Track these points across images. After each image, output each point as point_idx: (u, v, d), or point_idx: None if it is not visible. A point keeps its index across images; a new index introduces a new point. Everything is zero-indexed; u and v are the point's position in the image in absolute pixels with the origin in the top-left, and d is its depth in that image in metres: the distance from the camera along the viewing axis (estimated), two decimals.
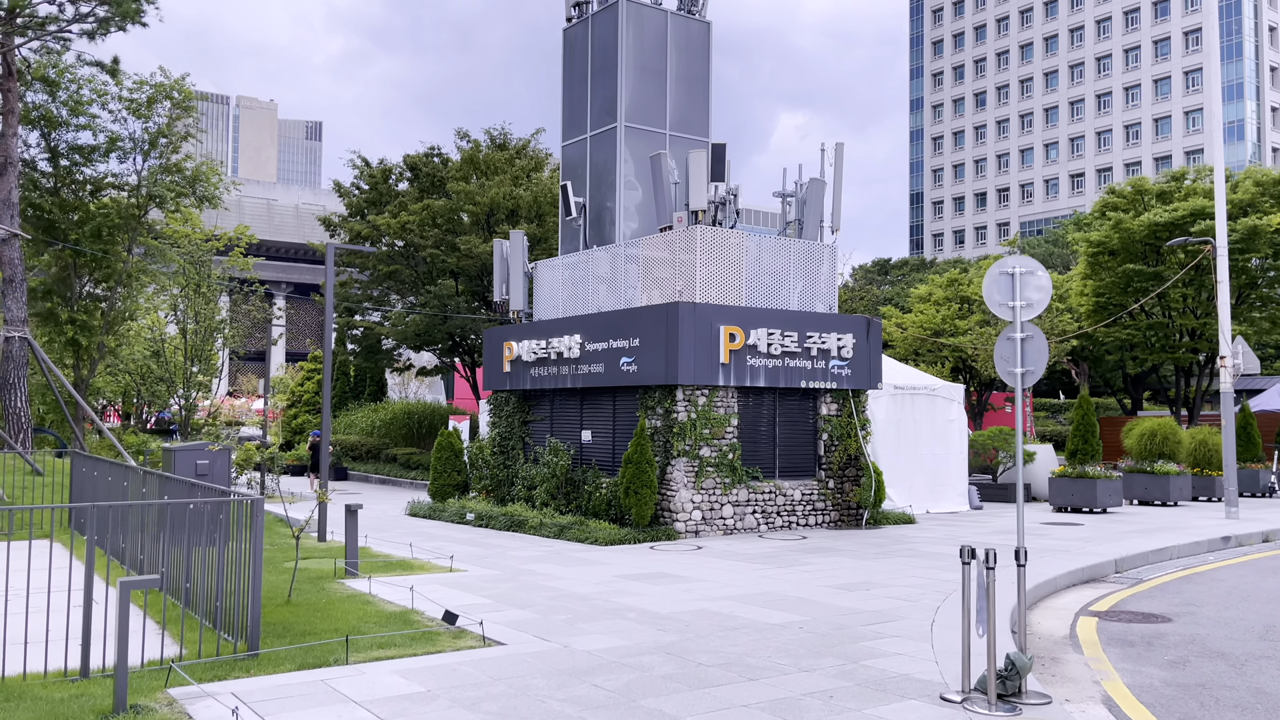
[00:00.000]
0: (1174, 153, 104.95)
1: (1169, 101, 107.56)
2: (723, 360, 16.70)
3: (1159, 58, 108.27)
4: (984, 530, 17.71)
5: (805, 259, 18.39)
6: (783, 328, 17.42)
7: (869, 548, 15.23)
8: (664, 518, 16.61)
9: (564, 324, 19.15)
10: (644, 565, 13.28)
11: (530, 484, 19.19)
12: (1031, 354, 10.04)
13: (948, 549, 14.98)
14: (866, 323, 18.61)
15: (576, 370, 18.62)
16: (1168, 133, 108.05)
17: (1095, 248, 28.96)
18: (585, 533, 16.10)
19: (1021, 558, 7.03)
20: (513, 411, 20.80)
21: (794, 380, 17.53)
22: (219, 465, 14.28)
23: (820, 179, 18.68)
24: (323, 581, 11.37)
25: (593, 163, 20.43)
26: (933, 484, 21.65)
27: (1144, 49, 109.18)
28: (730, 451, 16.93)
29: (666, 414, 16.68)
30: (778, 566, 13.16)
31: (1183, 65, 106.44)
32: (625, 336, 17.41)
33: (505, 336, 20.91)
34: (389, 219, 30.95)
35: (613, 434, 18.26)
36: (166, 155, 26.15)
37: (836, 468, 18.22)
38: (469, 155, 32.00)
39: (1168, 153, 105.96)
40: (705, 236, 17.08)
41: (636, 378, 17.07)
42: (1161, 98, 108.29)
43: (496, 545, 15.59)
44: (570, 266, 20.21)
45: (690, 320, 16.43)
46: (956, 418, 22.31)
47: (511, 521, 17.87)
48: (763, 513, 17.29)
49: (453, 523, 19.30)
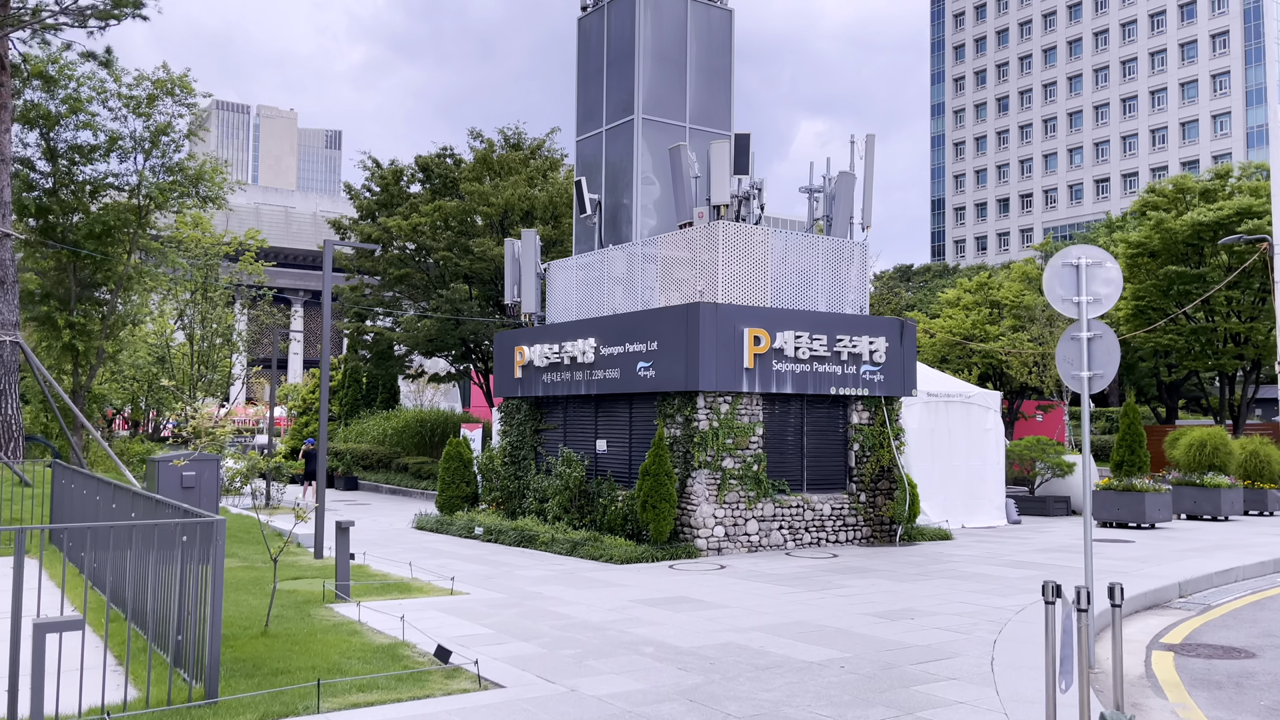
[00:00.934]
0: (1201, 157, 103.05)
1: (1196, 105, 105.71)
2: (746, 365, 15.60)
3: (1186, 61, 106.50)
4: (1028, 548, 16.50)
5: (834, 257, 17.28)
6: (811, 330, 16.31)
7: (906, 568, 14.07)
8: (684, 534, 15.50)
9: (578, 327, 18.11)
10: (663, 587, 12.18)
11: (542, 496, 18.14)
12: (1100, 355, 8.90)
13: (992, 569, 13.80)
14: (900, 325, 17.46)
15: (591, 376, 17.56)
16: (1195, 137, 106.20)
17: (1134, 249, 27.66)
18: (599, 550, 15.02)
19: (1118, 596, 5.88)
20: (524, 419, 19.76)
21: (823, 386, 16.41)
22: (206, 477, 13.31)
23: (850, 173, 17.57)
24: (309, 607, 10.33)
25: (608, 158, 19.40)
26: (968, 497, 20.44)
27: (1170, 52, 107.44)
28: (755, 463, 15.82)
29: (687, 422, 15.59)
30: (809, 589, 12.03)
31: (1210, 69, 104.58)
32: (642, 340, 16.34)
33: (516, 341, 19.88)
34: (400, 221, 30.04)
35: (629, 443, 17.19)
36: (168, 154, 25.33)
37: (868, 480, 17.06)
38: (482, 155, 31.07)
39: (1195, 157, 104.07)
40: (728, 233, 16.00)
41: (654, 384, 16.00)
42: (1188, 101, 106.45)
43: (504, 563, 14.52)
44: (584, 267, 19.17)
45: (712, 322, 15.35)
46: (993, 427, 21.10)
47: (521, 537, 16.81)
48: (790, 528, 16.16)
49: (461, 537, 18.27)
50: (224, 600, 10.53)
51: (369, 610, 10.09)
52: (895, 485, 17.29)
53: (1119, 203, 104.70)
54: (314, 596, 10.91)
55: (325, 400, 15.26)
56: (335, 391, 42.78)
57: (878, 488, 17.18)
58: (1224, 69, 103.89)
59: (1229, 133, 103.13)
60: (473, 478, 20.35)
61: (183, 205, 25.68)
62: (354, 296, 33.39)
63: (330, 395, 43.54)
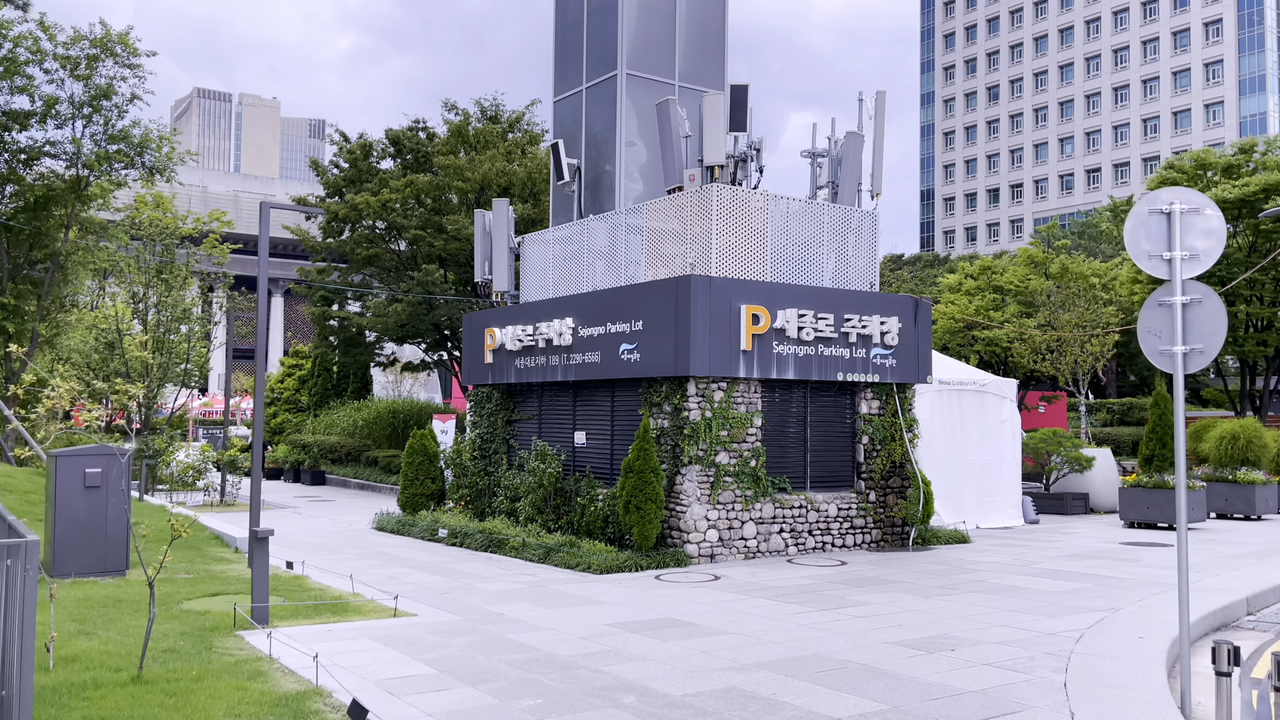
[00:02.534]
0: (1193, 146, 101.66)
1: (1188, 94, 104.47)
2: (744, 347, 13.74)
3: (1178, 50, 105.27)
4: (1057, 553, 14.72)
5: (841, 227, 15.42)
6: (816, 308, 14.46)
7: (927, 578, 12.25)
8: (672, 538, 13.65)
9: (554, 306, 16.21)
10: (648, 605, 10.33)
11: (514, 495, 16.25)
12: (1200, 325, 7.08)
13: (1026, 580, 11.99)
14: (914, 304, 15.63)
15: (569, 360, 15.68)
16: (1187, 126, 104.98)
17: None
18: (576, 557, 13.15)
19: None
20: (495, 409, 17.86)
21: (829, 371, 14.57)
22: (114, 474, 11.39)
23: (858, 133, 15.71)
24: (213, 636, 8.42)
25: (589, 120, 17.49)
26: (983, 495, 18.67)
27: (1163, 41, 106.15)
28: (753, 457, 13.97)
29: (676, 412, 13.72)
30: (820, 607, 10.20)
31: (1203, 57, 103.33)
32: (626, 319, 14.45)
33: (487, 322, 17.98)
34: (368, 197, 28.01)
35: (611, 436, 15.32)
36: (111, 121, 23.22)
37: (878, 477, 15.25)
38: (457, 128, 29.06)
39: (1187, 146, 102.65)
40: (723, 198, 14.12)
41: (639, 368, 14.13)
42: (1181, 90, 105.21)
43: (466, 573, 12.63)
44: (562, 241, 17.27)
45: (705, 298, 13.48)
46: (1009, 418, 19.33)
47: (490, 541, 14.92)
48: (791, 532, 14.32)
49: (423, 540, 16.38)
50: (113, 629, 8.62)
51: (285, 642, 8.18)
52: (908, 483, 15.48)
53: (1110, 191, 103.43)
54: (222, 622, 9.00)
55: (261, 387, 13.31)
56: (305, 381, 40.76)
57: (889, 485, 15.37)
58: (1217, 57, 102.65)
59: (1222, 122, 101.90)
60: (439, 473, 18.44)
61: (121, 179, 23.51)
62: (320, 279, 31.35)
63: (299, 385, 41.56)
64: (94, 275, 31.18)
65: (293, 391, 40.42)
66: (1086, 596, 10.83)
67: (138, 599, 10.08)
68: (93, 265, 25.78)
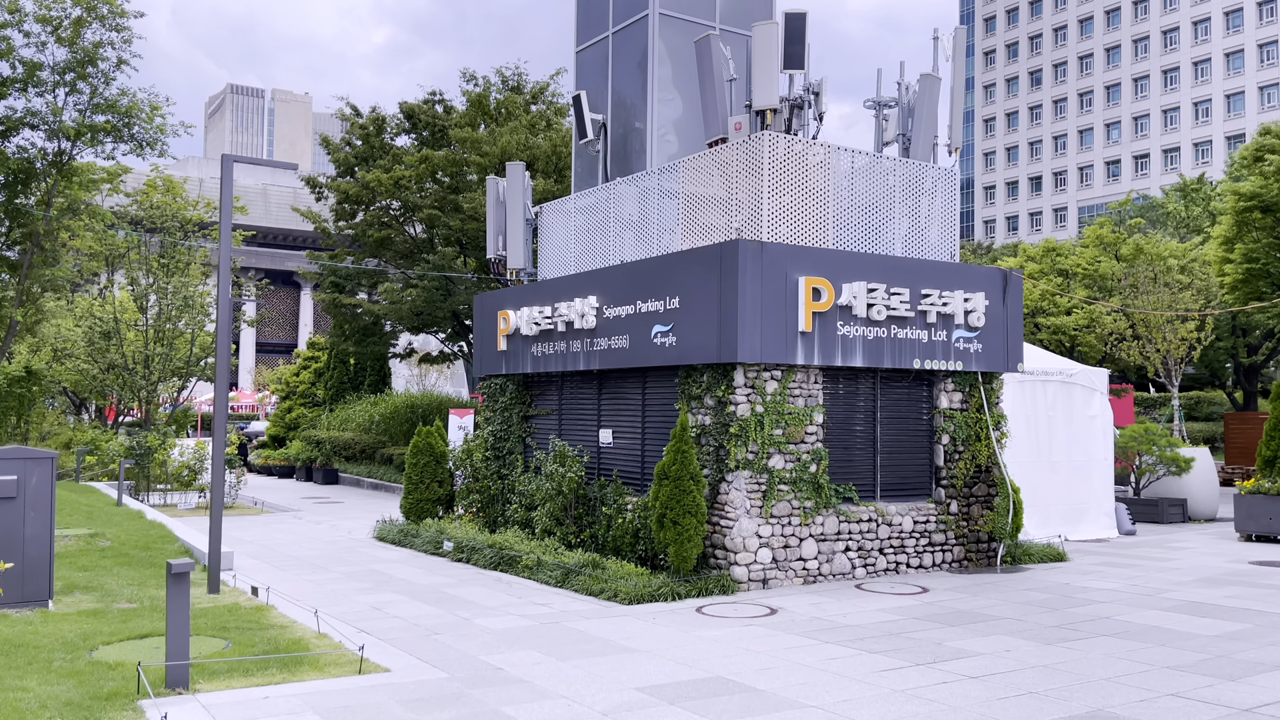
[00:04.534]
0: (1247, 131, 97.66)
1: (1241, 76, 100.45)
2: (802, 327, 11.37)
3: (1231, 30, 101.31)
4: (1179, 576, 12.22)
5: (914, 187, 12.98)
6: (888, 281, 12.05)
7: (1035, 612, 9.84)
8: (716, 558, 11.33)
9: (575, 283, 13.92)
10: (691, 655, 8.02)
11: (529, 503, 14.00)
12: None
13: (1163, 618, 9.54)
14: (1003, 277, 13.17)
15: (592, 346, 13.39)
16: (1240, 109, 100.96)
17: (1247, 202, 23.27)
18: (600, 581, 10.87)
19: None
20: (510, 403, 15.63)
21: (904, 358, 12.16)
22: (34, 483, 9.28)
23: (934, 75, 13.25)
24: (104, 710, 6.22)
25: (616, 70, 15.17)
26: (1072, 502, 16.17)
27: (1214, 21, 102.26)
28: (813, 461, 11.61)
29: (720, 406, 11.39)
30: (915, 660, 7.84)
31: (1256, 38, 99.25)
32: (659, 296, 12.13)
33: (500, 304, 15.74)
34: (380, 174, 25.87)
35: (642, 434, 13.01)
36: (98, 89, 21.24)
37: (960, 484, 12.81)
38: (476, 99, 26.85)
39: (1241, 130, 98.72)
40: (776, 149, 11.74)
41: (676, 354, 11.81)
42: (1234, 72, 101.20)
43: (466, 602, 10.39)
44: (586, 211, 14.97)
45: (756, 267, 11.13)
46: (1099, 413, 16.79)
47: (499, 557, 12.68)
48: (859, 550, 11.94)
49: (426, 553, 14.19)
50: None
51: (199, 716, 5.97)
52: (994, 490, 13.05)
53: (1158, 179, 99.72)
54: (124, 686, 6.78)
55: (225, 368, 11.15)
56: (321, 374, 38.84)
57: (972, 494, 12.93)
58: (1271, 38, 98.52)
59: (1276, 104, 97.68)
60: (447, 476, 16.25)
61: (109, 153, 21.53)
62: (331, 265, 29.28)
63: (315, 378, 39.64)
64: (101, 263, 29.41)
65: (308, 385, 38.49)
66: (1258, 644, 8.38)
67: (49, 643, 7.94)
68: (86, 249, 23.85)
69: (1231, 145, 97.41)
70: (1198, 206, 37.94)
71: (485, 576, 12.17)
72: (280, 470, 33.35)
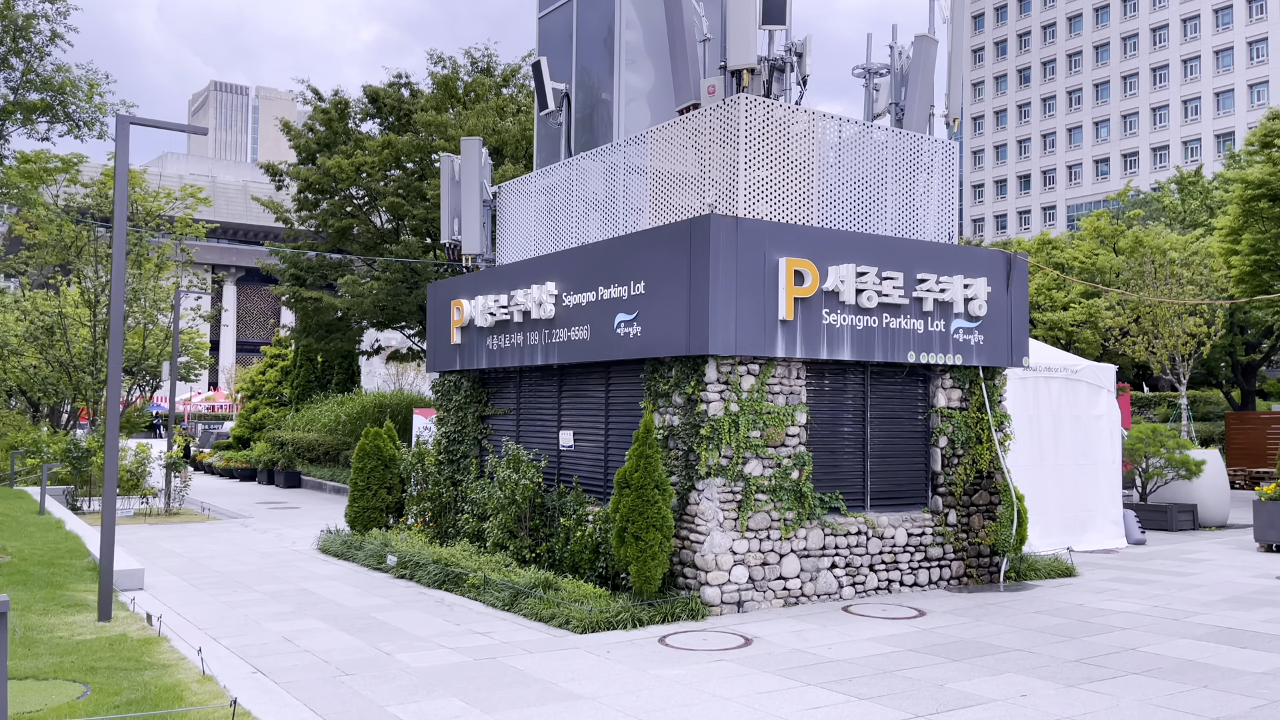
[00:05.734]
0: (1237, 129, 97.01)
1: (1231, 74, 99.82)
2: (783, 315, 10.03)
3: (1220, 28, 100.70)
4: (1204, 594, 10.92)
5: (909, 160, 11.65)
6: (880, 264, 10.72)
7: (1049, 642, 8.52)
8: (685, 577, 9.97)
9: (532, 268, 12.55)
10: (643, 707, 6.66)
11: (481, 513, 12.62)
12: None
13: (1197, 649, 8.23)
14: (1007, 260, 11.86)
15: (551, 338, 12.01)
16: (1230, 107, 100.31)
17: (1254, 190, 22.06)
18: (551, 605, 9.50)
19: None
20: (464, 402, 14.24)
21: (897, 350, 10.83)
22: None
23: (930, 37, 11.93)
24: None
25: (581, 35, 13.80)
26: (1077, 509, 14.89)
27: (1204, 18, 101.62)
28: (795, 467, 10.26)
29: (689, 405, 10.04)
30: (914, 711, 6.49)
31: (1246, 35, 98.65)
32: (622, 281, 10.77)
33: (454, 293, 14.35)
34: (340, 160, 24.44)
35: (605, 436, 11.65)
36: (32, 65, 19.75)
37: (960, 492, 11.49)
38: (443, 81, 25.43)
39: (1230, 129, 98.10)
40: (753, 115, 10.39)
41: (641, 346, 10.45)
42: (1224, 70, 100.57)
43: (395, 630, 9.00)
44: (548, 191, 13.59)
45: (729, 247, 9.78)
46: (1106, 412, 15.51)
47: (444, 575, 11.30)
48: (848, 567, 10.60)
49: (369, 568, 12.79)
50: None
51: None
52: (997, 498, 11.74)
53: (1148, 177, 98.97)
54: None
55: (117, 363, 9.72)
56: (287, 372, 37.32)
57: (973, 502, 11.62)
58: (1261, 35, 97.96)
59: (1266, 102, 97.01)
60: (396, 482, 14.84)
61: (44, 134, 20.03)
62: (294, 257, 27.82)
63: (282, 377, 38.12)
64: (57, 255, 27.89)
65: (274, 384, 36.96)
66: None
67: None
68: (37, 240, 22.31)
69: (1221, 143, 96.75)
70: (1195, 200, 36.83)
71: (427, 597, 10.78)
72: (242, 473, 31.86)
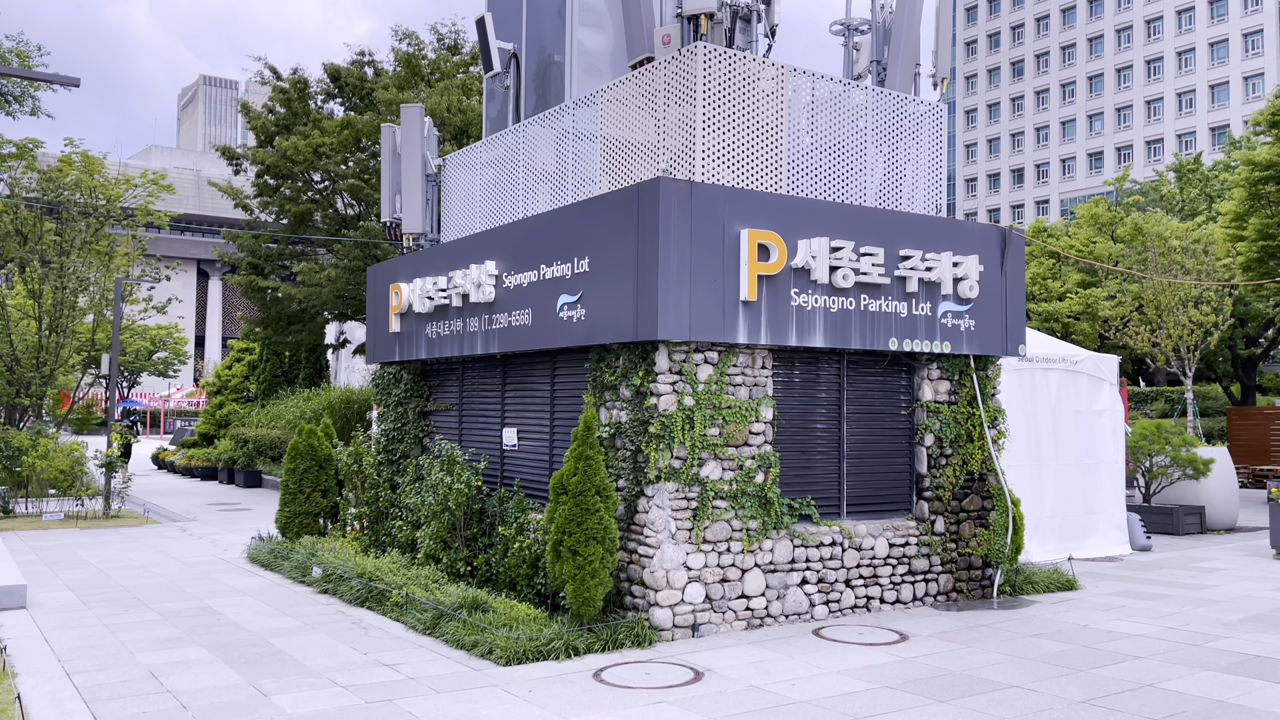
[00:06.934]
0: (1233, 120, 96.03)
1: (1226, 66, 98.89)
2: (745, 296, 8.73)
3: (1215, 19, 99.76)
4: (1224, 611, 9.67)
5: (892, 123, 10.36)
6: (857, 239, 9.42)
7: (1051, 677, 7.25)
8: (633, 596, 8.68)
9: (471, 246, 11.23)
10: None
11: (415, 520, 11.31)
12: None
13: (1227, 686, 6.97)
14: (1000, 236, 10.57)
15: (491, 324, 10.70)
16: (1225, 100, 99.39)
17: (1262, 172, 20.80)
18: (476, 632, 8.19)
19: None
20: (405, 396, 12.92)
21: (876, 336, 9.54)
22: None
23: None
24: None
25: None
26: (1078, 512, 13.63)
27: (1199, 10, 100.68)
28: (760, 469, 8.97)
29: (638, 399, 8.74)
30: None
31: (1241, 27, 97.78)
32: (565, 257, 9.46)
33: (393, 275, 13.03)
34: (297, 141, 23.08)
35: (550, 434, 10.35)
36: None
37: (948, 496, 10.21)
38: (407, 58, 24.07)
39: (1225, 121, 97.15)
40: (713, 66, 9.08)
41: (585, 332, 9.14)
42: (1218, 62, 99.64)
43: (286, 662, 7.69)
44: (496, 163, 12.26)
45: (683, 216, 8.47)
46: (1108, 406, 14.27)
47: (366, 591, 9.99)
48: (820, 583, 9.32)
49: (294, 581, 11.48)
50: None
51: None
52: (990, 503, 10.47)
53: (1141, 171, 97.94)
54: None
55: None
56: (255, 367, 35.96)
57: (963, 508, 10.34)
58: (1257, 27, 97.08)
59: (1261, 95, 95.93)
60: (333, 485, 13.52)
61: None
62: (254, 245, 26.42)
63: (250, 371, 36.74)
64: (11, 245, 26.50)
65: (241, 379, 35.60)
66: None
67: None
68: None
69: (1216, 136, 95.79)
70: (1194, 189, 35.65)
71: (344, 617, 9.47)
72: (203, 472, 30.50)
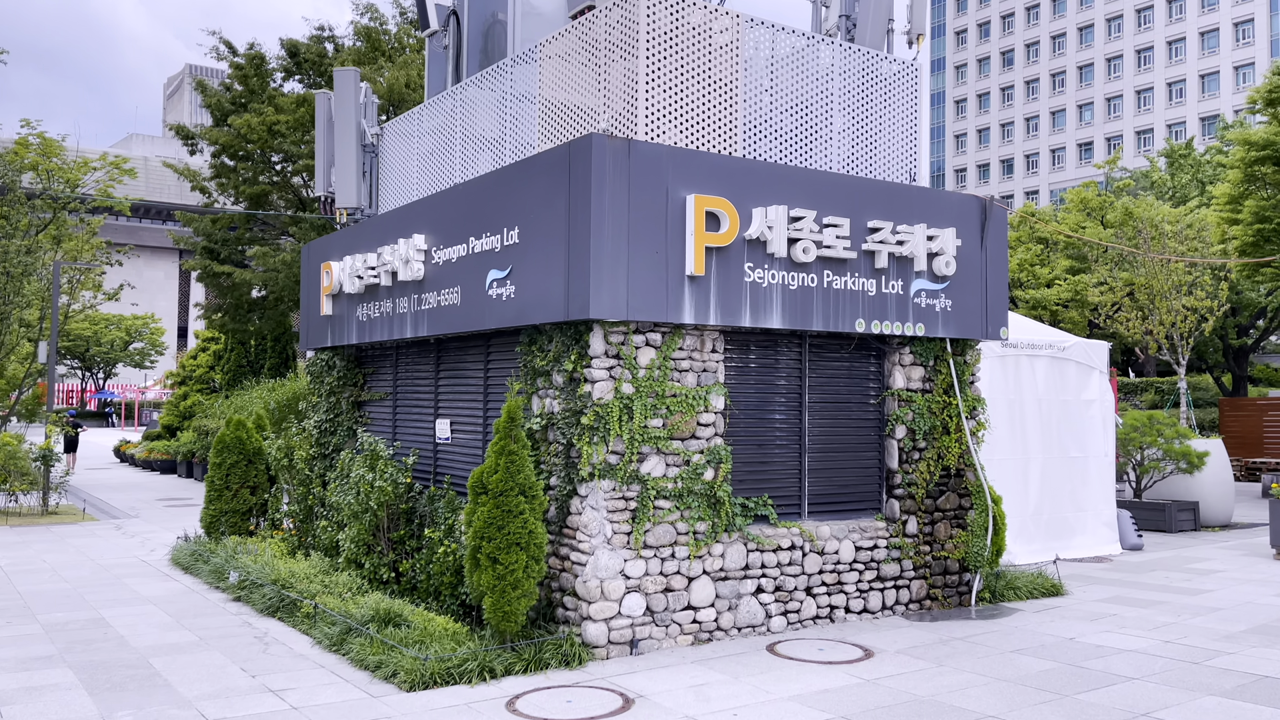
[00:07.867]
0: (1223, 110, 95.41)
1: (1216, 56, 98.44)
2: (691, 270, 7.74)
3: (1205, 9, 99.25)
4: (1225, 621, 8.76)
5: (861, 83, 9.37)
6: (820, 208, 8.44)
7: (1033, 704, 6.31)
8: (566, 609, 7.71)
9: (400, 219, 10.22)
10: None
11: (340, 520, 10.31)
12: None
13: (1225, 709, 6.05)
14: (981, 207, 9.62)
15: (420, 304, 9.70)
16: (1215, 90, 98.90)
17: (1259, 152, 19.93)
18: (382, 649, 7.21)
19: None
20: (338, 384, 11.92)
21: (842, 317, 8.57)
22: None
23: None
24: None
25: None
26: (1065, 510, 12.72)
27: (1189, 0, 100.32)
28: (709, 465, 8.00)
29: (571, 386, 7.76)
30: None
31: (1232, 16, 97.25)
32: (494, 228, 8.46)
33: (325, 253, 12.01)
34: (251, 119, 22.01)
35: (484, 425, 9.36)
36: None
37: (922, 494, 9.26)
38: (366, 32, 23.01)
39: (1215, 111, 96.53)
40: (659, 14, 8.08)
41: (515, 312, 8.15)
42: (1209, 52, 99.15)
43: (155, 686, 6.70)
44: (434, 133, 11.23)
45: (619, 178, 7.49)
46: (1098, 397, 13.35)
47: (279, 600, 9.00)
48: (778, 591, 8.36)
49: (210, 586, 10.50)
50: None
51: None
52: (968, 500, 9.53)
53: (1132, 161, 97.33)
54: None
55: None
56: (220, 357, 34.86)
57: (938, 507, 9.39)
58: (1247, 16, 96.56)
59: (1251, 84, 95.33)
60: (263, 481, 12.53)
61: None
62: (211, 230, 25.35)
63: (215, 361, 35.64)
64: None
65: (206, 369, 34.50)
66: None
67: None
68: None
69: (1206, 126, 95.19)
70: (1185, 174, 34.83)
71: (249, 630, 8.49)
72: (163, 465, 29.41)
